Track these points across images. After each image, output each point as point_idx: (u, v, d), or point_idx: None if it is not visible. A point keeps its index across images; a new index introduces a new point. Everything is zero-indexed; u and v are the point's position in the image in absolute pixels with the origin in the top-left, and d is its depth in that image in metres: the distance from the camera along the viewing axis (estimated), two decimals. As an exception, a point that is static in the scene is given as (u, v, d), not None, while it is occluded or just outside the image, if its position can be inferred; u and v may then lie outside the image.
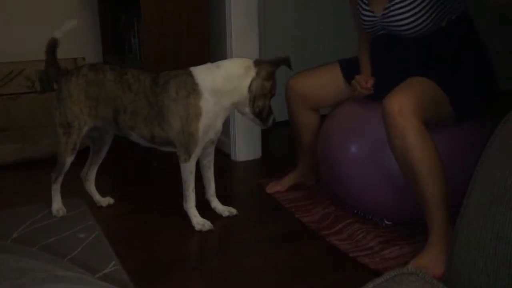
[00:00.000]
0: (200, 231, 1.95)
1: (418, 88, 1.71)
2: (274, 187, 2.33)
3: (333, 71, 2.12)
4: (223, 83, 1.86)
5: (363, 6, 1.92)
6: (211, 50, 2.75)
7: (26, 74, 3.04)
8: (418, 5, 1.75)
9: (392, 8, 1.80)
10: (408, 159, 1.62)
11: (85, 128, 1.98)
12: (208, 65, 1.92)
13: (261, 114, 1.93)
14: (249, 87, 1.87)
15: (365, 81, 1.94)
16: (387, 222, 1.95)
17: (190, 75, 1.87)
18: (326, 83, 2.12)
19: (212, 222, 1.98)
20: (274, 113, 1.97)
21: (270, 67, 1.88)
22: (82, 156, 2.14)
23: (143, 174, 2.67)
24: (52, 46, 2.04)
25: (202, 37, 2.69)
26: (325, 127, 2.10)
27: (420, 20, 1.76)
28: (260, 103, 1.90)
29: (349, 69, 2.07)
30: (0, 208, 2.17)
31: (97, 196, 2.21)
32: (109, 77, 1.94)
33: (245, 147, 2.80)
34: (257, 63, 1.89)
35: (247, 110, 1.93)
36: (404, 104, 1.62)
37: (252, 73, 1.87)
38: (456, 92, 1.75)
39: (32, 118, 2.96)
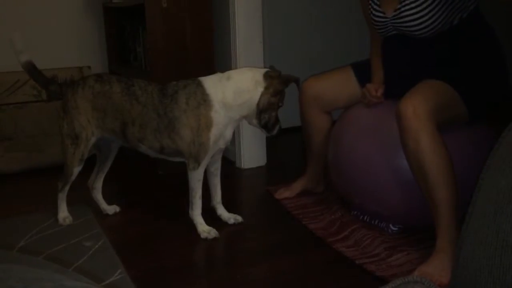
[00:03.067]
0: (206, 239, 1.95)
1: (433, 91, 1.72)
2: (283, 194, 2.34)
3: (346, 74, 2.14)
4: (233, 97, 1.86)
5: (374, 7, 1.92)
6: (216, 58, 2.76)
7: (32, 83, 3.05)
8: (429, 5, 1.74)
9: (403, 9, 1.80)
10: (420, 161, 1.62)
11: (93, 139, 1.98)
12: (219, 75, 1.91)
13: (267, 125, 1.93)
14: (257, 103, 1.88)
15: (375, 90, 1.96)
16: (393, 228, 1.94)
17: (200, 85, 1.87)
18: (339, 85, 2.14)
19: (217, 230, 1.98)
20: (280, 122, 1.97)
21: (279, 85, 1.88)
22: (89, 164, 2.15)
23: (149, 182, 2.68)
24: (33, 69, 2.01)
25: (206, 45, 2.70)
26: (336, 129, 2.12)
27: (431, 20, 1.76)
28: (266, 115, 1.90)
29: (362, 71, 2.09)
30: (7, 217, 2.18)
31: (103, 204, 2.21)
32: (116, 89, 1.94)
33: (250, 154, 2.80)
34: (267, 77, 1.87)
35: (254, 121, 1.94)
36: (419, 107, 1.63)
37: (261, 88, 1.87)
38: (469, 91, 1.76)
39: (38, 126, 2.98)
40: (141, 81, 1.96)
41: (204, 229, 1.97)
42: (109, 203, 2.23)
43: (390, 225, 1.95)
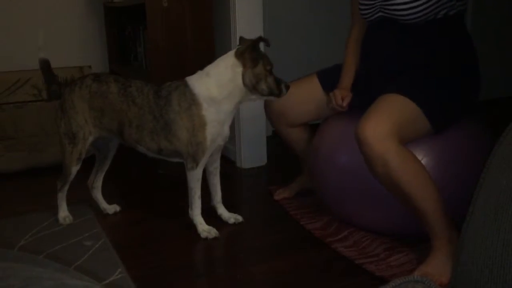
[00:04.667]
0: (206, 239, 1.95)
1: (390, 108, 1.63)
2: (281, 194, 2.34)
3: (311, 83, 2.06)
4: (218, 91, 1.85)
5: None
6: (217, 58, 2.76)
7: (33, 83, 3.06)
8: None
9: None
10: (395, 183, 1.56)
11: (90, 138, 1.98)
12: (199, 74, 1.91)
13: (272, 92, 1.89)
14: (243, 83, 1.85)
15: (341, 98, 1.88)
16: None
17: (187, 85, 1.87)
18: (304, 98, 2.05)
19: (217, 230, 1.98)
20: (284, 80, 1.90)
21: (250, 54, 1.84)
22: (88, 163, 2.15)
23: (149, 181, 2.68)
24: (46, 66, 2.03)
25: (207, 45, 2.70)
26: (314, 140, 2.06)
27: (418, 2, 1.68)
28: (263, 86, 1.86)
29: (328, 80, 2.03)
30: (7, 216, 2.18)
31: (103, 204, 2.21)
32: (113, 89, 1.94)
33: (251, 154, 2.80)
34: (239, 55, 1.85)
35: (254, 97, 1.92)
36: (378, 130, 1.55)
37: (239, 68, 1.85)
38: (430, 104, 1.67)
39: (38, 126, 2.97)
40: (139, 81, 1.96)
41: (204, 228, 1.97)
42: (109, 202, 2.23)
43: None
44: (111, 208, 2.22)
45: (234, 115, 1.98)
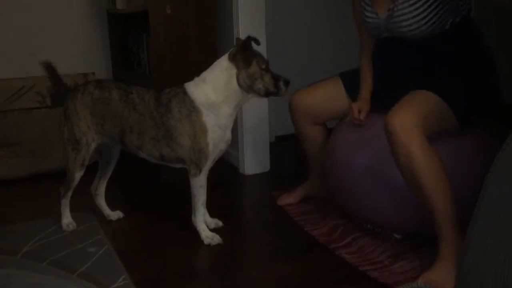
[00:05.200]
0: (209, 245, 1.95)
1: (419, 102, 1.70)
2: (285, 200, 2.33)
3: (335, 85, 2.12)
4: (215, 95, 1.86)
5: (366, 7, 1.90)
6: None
7: (37, 90, 3.08)
8: (422, 5, 1.73)
9: (396, 9, 1.78)
10: (414, 175, 1.61)
11: (93, 144, 1.99)
12: (196, 80, 1.92)
13: (269, 91, 1.89)
14: (238, 84, 1.86)
15: (358, 111, 1.93)
16: (396, 236, 1.93)
17: (185, 92, 1.88)
18: (329, 97, 2.12)
19: (220, 236, 1.97)
20: (282, 77, 1.89)
21: (242, 54, 1.84)
22: (92, 170, 2.16)
23: (152, 188, 2.68)
24: (51, 68, 2.04)
25: (210, 52, 2.71)
26: (331, 140, 2.10)
27: (425, 21, 1.74)
28: (259, 85, 1.86)
29: (351, 82, 2.08)
30: (11, 222, 2.19)
31: (107, 210, 2.22)
32: (114, 96, 1.94)
33: (254, 160, 2.80)
34: (231, 57, 1.86)
35: (250, 96, 1.92)
36: (406, 121, 1.61)
37: (233, 70, 1.85)
38: (457, 99, 1.74)
39: (42, 132, 2.99)
40: (140, 88, 1.97)
41: (207, 235, 1.97)
42: (113, 209, 2.23)
43: (394, 233, 1.94)
44: (115, 215, 2.22)
45: (235, 118, 1.98)
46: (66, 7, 3.31)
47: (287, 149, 3.22)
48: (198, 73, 1.96)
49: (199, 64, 2.67)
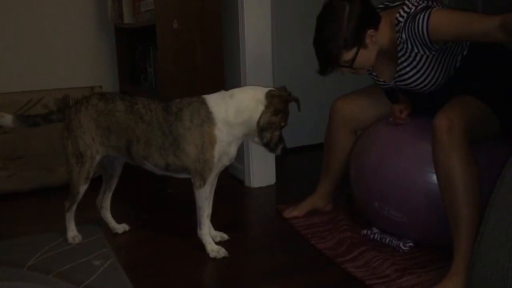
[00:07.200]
0: (215, 258, 1.94)
1: (467, 106, 1.73)
2: (292, 213, 2.33)
3: (377, 93, 2.14)
4: (234, 115, 1.87)
5: (374, 77, 2.01)
6: (226, 78, 2.78)
7: (44, 103, 3.10)
8: (423, 64, 1.79)
9: (400, 74, 1.86)
10: (449, 175, 1.63)
11: (98, 157, 1.99)
12: (222, 93, 1.93)
13: (269, 144, 1.92)
14: (258, 121, 1.88)
15: (399, 111, 1.99)
16: (403, 248, 1.92)
17: (204, 103, 1.89)
18: (371, 106, 2.17)
19: (226, 249, 1.97)
20: (285, 142, 1.95)
21: (279, 104, 1.87)
22: (97, 182, 2.16)
23: (158, 200, 2.68)
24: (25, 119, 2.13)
25: (216, 66, 2.73)
26: (362, 143, 2.15)
27: (431, 76, 1.82)
28: (268, 134, 1.89)
29: (392, 90, 2.10)
30: (17, 235, 2.19)
31: (112, 223, 2.22)
32: (119, 107, 1.95)
33: (260, 173, 2.80)
34: (269, 96, 1.87)
35: (256, 139, 1.94)
36: (455, 122, 1.64)
37: (262, 107, 1.86)
38: (501, 104, 1.77)
39: (49, 145, 3.00)
40: (144, 99, 1.98)
41: (213, 248, 1.96)
42: (119, 221, 2.23)
43: (401, 245, 1.93)
44: (120, 228, 2.22)
45: (241, 142, 1.99)
46: (74, 22, 3.35)
47: (293, 162, 3.21)
48: (204, 87, 1.98)
49: (206, 78, 2.70)
